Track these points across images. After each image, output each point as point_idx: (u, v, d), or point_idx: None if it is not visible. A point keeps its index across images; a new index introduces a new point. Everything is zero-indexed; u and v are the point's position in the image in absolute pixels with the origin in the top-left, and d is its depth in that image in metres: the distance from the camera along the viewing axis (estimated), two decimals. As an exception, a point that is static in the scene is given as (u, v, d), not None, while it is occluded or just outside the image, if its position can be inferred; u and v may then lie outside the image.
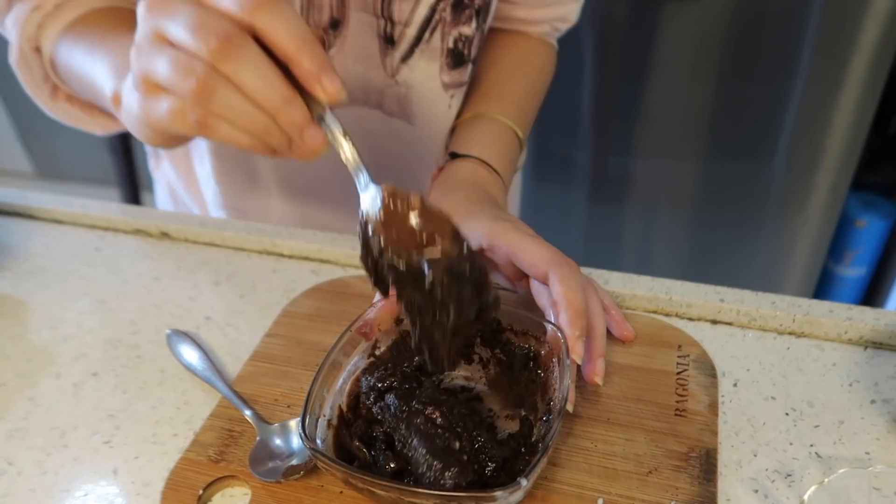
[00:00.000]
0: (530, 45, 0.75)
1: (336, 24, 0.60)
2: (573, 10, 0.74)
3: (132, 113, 0.41)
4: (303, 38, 0.36)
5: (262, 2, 0.36)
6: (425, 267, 0.41)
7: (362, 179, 0.41)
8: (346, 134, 0.40)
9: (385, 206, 0.41)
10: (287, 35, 0.36)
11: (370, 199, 0.41)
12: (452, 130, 0.69)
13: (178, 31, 0.36)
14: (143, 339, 0.56)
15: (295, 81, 0.37)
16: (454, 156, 0.62)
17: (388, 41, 0.62)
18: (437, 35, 0.63)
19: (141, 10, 0.38)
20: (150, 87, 0.38)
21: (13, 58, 0.61)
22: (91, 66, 0.54)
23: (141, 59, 0.38)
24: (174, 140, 0.44)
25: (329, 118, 0.39)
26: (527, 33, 0.75)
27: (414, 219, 0.41)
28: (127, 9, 0.62)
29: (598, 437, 0.45)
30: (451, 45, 0.63)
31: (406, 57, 0.64)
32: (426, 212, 0.41)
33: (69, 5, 0.59)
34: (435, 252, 0.41)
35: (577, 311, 0.45)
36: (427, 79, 0.65)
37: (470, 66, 0.67)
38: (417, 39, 0.62)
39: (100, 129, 0.68)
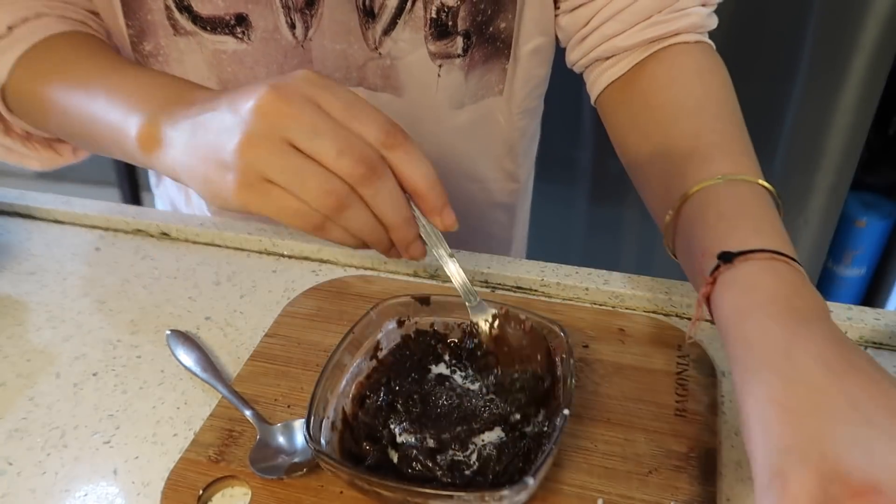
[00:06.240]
0: (694, 62, 0.59)
1: (311, 2, 0.59)
2: None
3: (195, 177, 0.42)
4: (432, 178, 0.42)
5: (399, 141, 0.40)
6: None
7: (472, 300, 0.47)
8: (452, 256, 0.46)
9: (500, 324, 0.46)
10: (420, 176, 0.41)
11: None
12: (676, 216, 0.49)
13: (317, 145, 0.39)
14: (143, 339, 0.56)
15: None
16: (727, 258, 0.41)
17: (368, 14, 0.60)
18: (420, 4, 0.60)
19: (254, 104, 0.39)
20: (260, 180, 0.39)
21: None
22: (98, 108, 0.50)
23: (257, 154, 0.39)
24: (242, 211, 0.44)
25: (440, 238, 0.45)
26: (681, 45, 0.59)
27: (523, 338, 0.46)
28: (85, 34, 0.58)
29: (598, 437, 0.45)
30: (433, 14, 0.60)
31: (388, 29, 0.61)
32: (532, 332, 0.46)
33: (25, 28, 0.55)
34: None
35: None
36: (413, 48, 0.62)
37: (459, 39, 0.62)
38: (399, 10, 0.60)
39: (38, 164, 0.62)
